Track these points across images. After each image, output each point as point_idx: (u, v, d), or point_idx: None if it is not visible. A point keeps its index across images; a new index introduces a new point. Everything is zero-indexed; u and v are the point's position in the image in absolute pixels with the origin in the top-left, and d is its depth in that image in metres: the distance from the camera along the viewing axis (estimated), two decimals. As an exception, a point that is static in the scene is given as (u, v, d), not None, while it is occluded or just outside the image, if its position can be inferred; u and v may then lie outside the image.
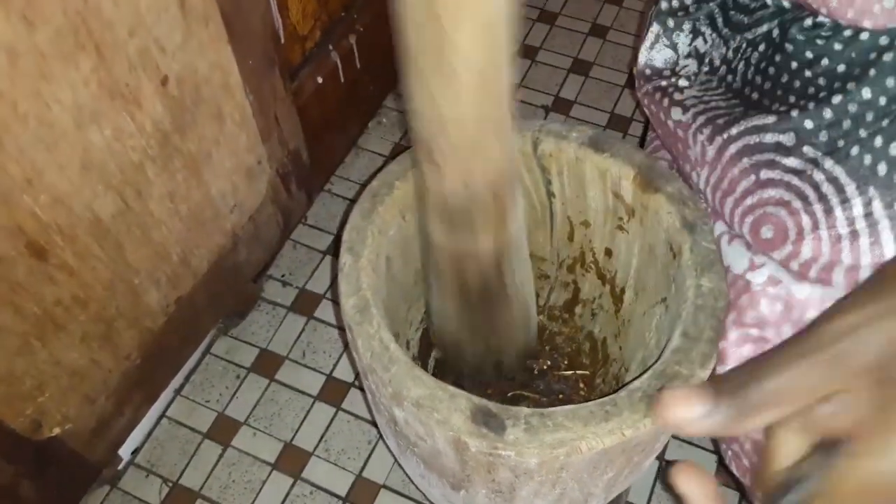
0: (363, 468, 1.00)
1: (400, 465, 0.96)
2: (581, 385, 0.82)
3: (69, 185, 0.64)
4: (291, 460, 1.01)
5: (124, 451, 0.99)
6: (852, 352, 0.29)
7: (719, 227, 0.60)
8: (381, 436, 1.02)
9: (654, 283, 0.63)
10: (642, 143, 0.84)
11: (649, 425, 0.47)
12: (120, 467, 0.99)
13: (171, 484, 0.99)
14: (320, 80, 1.06)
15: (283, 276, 1.15)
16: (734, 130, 0.54)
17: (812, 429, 0.32)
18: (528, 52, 1.39)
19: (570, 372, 0.82)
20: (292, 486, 0.99)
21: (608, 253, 0.70)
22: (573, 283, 0.78)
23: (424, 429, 0.52)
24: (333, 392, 1.06)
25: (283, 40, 0.96)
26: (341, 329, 1.11)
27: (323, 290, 1.14)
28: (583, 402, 0.49)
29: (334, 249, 1.17)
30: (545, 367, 0.82)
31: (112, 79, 0.64)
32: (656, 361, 0.51)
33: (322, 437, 1.03)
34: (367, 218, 0.62)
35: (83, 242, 0.68)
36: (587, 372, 0.81)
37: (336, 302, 1.13)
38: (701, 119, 0.59)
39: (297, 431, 1.03)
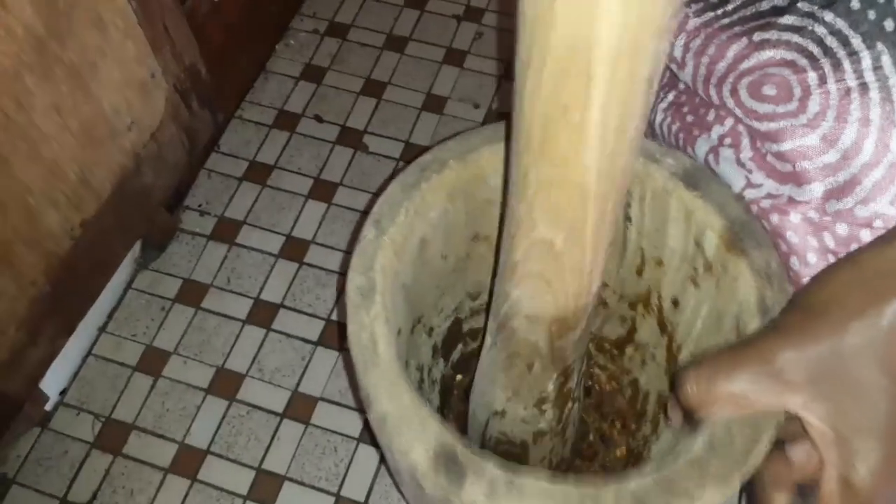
0: (298, 384, 1.00)
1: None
2: (617, 425, 0.77)
3: (-65, 92, 0.61)
4: (225, 384, 1.00)
5: (51, 392, 0.97)
6: (787, 371, 0.36)
7: (702, 147, 0.56)
8: (314, 352, 1.02)
9: None
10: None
11: None
12: (49, 408, 0.97)
13: (103, 419, 0.98)
14: (216, -2, 1.03)
15: (199, 205, 1.12)
16: (730, 6, 0.50)
17: (791, 480, 0.40)
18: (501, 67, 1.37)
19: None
20: (228, 407, 0.98)
21: (675, 303, 0.62)
22: (631, 320, 0.70)
23: (389, 447, 0.47)
24: (262, 314, 1.05)
25: (168, -48, 0.93)
26: (266, 252, 1.09)
27: (243, 216, 1.12)
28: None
29: (251, 175, 1.15)
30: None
31: (-32, -25, 0.61)
32: (668, 465, 0.44)
33: (255, 359, 1.02)
34: (406, 193, 0.54)
35: (-38, 156, 0.66)
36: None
37: (257, 226, 1.11)
38: None
39: (228, 356, 1.02)
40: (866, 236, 0.47)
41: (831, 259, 0.49)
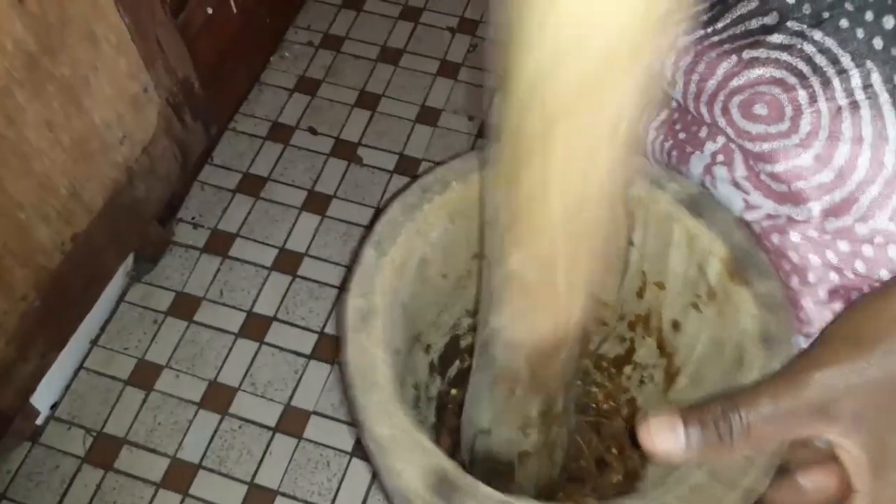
0: (291, 397, 1.00)
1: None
2: (614, 447, 0.78)
3: (-75, 108, 0.61)
4: (217, 398, 1.00)
5: (42, 406, 0.96)
6: (833, 403, 0.36)
7: (697, 165, 0.56)
8: (307, 365, 1.02)
9: (712, 384, 0.56)
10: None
11: None
12: (40, 422, 0.97)
13: (94, 434, 0.97)
14: (210, 10, 1.03)
15: (193, 218, 1.12)
16: (720, 24, 0.51)
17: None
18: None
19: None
20: (220, 422, 0.98)
21: (676, 326, 0.63)
22: (630, 340, 0.71)
23: (383, 469, 0.48)
24: (255, 327, 1.05)
25: (162, -34, 0.93)
26: (259, 265, 1.09)
27: (236, 229, 1.12)
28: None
29: (244, 187, 1.15)
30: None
31: (-42, -9, 0.61)
32: (669, 493, 0.44)
33: (247, 372, 1.01)
34: (407, 214, 0.55)
35: (-48, 172, 0.65)
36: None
37: (250, 239, 1.11)
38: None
39: (220, 369, 1.02)
40: (868, 252, 0.47)
41: (833, 275, 0.49)
